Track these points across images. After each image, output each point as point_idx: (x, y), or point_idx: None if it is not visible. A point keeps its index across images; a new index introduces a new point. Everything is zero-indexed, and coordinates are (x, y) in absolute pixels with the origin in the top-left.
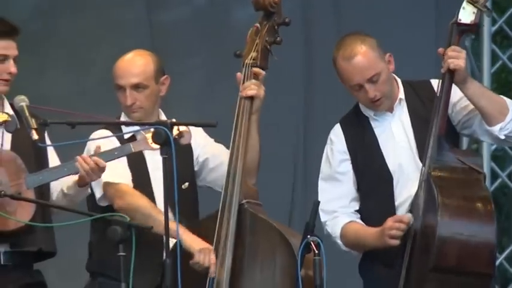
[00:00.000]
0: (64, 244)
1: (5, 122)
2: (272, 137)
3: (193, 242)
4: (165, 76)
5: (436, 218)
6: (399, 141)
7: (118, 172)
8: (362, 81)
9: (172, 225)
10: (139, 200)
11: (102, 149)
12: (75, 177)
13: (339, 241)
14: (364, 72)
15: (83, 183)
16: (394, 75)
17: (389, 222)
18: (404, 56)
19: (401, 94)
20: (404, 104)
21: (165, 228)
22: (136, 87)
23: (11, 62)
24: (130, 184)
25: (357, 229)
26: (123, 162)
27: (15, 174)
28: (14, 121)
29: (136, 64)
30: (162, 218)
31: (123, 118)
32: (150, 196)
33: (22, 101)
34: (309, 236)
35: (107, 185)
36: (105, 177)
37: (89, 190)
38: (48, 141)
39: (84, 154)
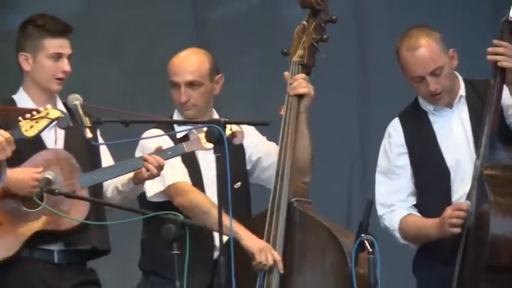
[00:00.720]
0: (118, 242)
1: (57, 118)
2: (327, 136)
3: (251, 241)
4: (220, 75)
5: (489, 216)
6: (458, 137)
7: (177, 170)
8: (424, 74)
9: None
10: (200, 197)
11: (152, 148)
12: (130, 174)
13: (397, 234)
14: (426, 65)
15: (139, 180)
16: (455, 72)
17: (449, 210)
18: (459, 55)
19: (462, 91)
20: (464, 102)
21: (219, 226)
22: (191, 84)
23: (65, 60)
24: (189, 181)
25: (416, 221)
26: (179, 160)
27: (69, 174)
28: (67, 118)
29: (191, 62)
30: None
31: (175, 116)
32: None
33: (76, 99)
34: (362, 235)
35: (169, 186)
36: (165, 175)
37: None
38: (101, 140)
39: (137, 153)
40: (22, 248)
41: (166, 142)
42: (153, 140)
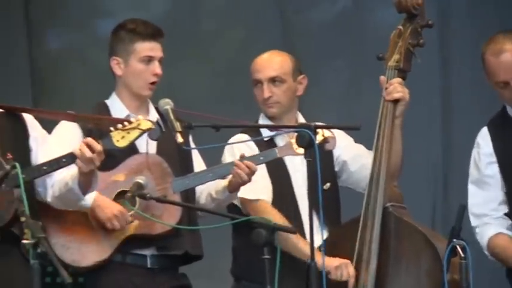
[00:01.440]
0: (210, 247)
1: (148, 129)
2: (410, 141)
3: (327, 260)
4: (303, 76)
5: None
6: None
7: (258, 187)
8: (508, 79)
9: (306, 247)
10: (276, 218)
11: (241, 152)
12: (224, 182)
13: (485, 252)
14: (511, 70)
15: (234, 188)
16: None
17: None
18: None
19: None
20: None
21: (310, 231)
22: (274, 80)
23: (156, 63)
24: (270, 197)
25: (505, 247)
26: (263, 171)
27: (161, 178)
28: (157, 129)
29: (274, 59)
30: (300, 242)
31: (261, 121)
32: (292, 199)
33: (167, 104)
34: (454, 240)
35: (245, 200)
36: (245, 190)
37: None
38: (192, 145)
39: (226, 158)
40: (115, 252)
41: (251, 147)
42: (240, 145)
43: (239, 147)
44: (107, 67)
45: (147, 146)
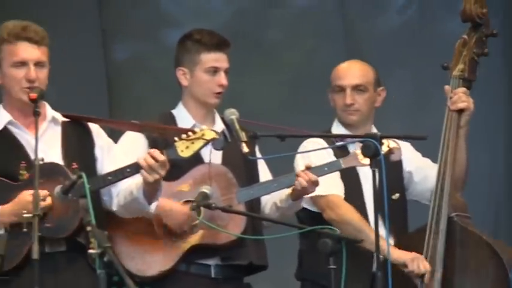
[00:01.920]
0: (274, 257)
1: (213, 139)
2: (474, 150)
3: (401, 252)
4: (382, 88)
5: None
6: None
7: (330, 183)
8: None
9: (381, 241)
10: (350, 213)
11: (314, 157)
12: (288, 190)
13: None
14: None
15: (297, 197)
16: None
17: None
18: None
19: None
20: None
21: (375, 240)
22: (357, 88)
23: (222, 74)
24: (342, 195)
25: None
26: (336, 172)
27: (226, 188)
28: (222, 139)
29: (359, 68)
30: (373, 234)
31: (334, 128)
32: (362, 207)
33: (232, 114)
34: None
35: (317, 197)
36: (318, 188)
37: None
38: (258, 155)
39: (297, 165)
40: (179, 262)
41: (328, 152)
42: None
43: (308, 155)
44: (174, 77)
45: (210, 155)
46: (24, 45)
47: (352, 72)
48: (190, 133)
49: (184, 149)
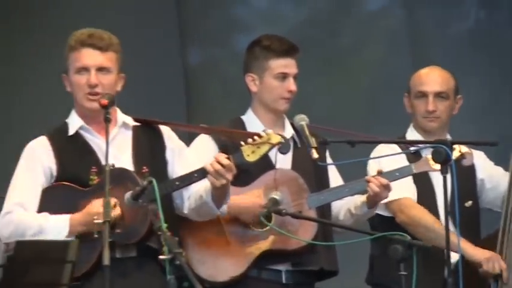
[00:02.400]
0: (345, 262)
1: (278, 143)
2: None
3: (477, 251)
4: (460, 96)
5: None
6: None
7: (402, 186)
8: None
9: (454, 238)
10: (422, 214)
11: (387, 163)
12: (363, 197)
13: None
14: None
15: (372, 204)
16: None
17: None
18: None
19: None
20: None
21: (446, 247)
22: (439, 95)
23: (291, 80)
24: (415, 198)
25: None
26: (409, 177)
27: (296, 194)
28: (288, 144)
29: (440, 74)
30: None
31: (410, 132)
32: (435, 213)
33: (302, 120)
34: None
35: (390, 202)
36: (391, 193)
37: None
38: (329, 160)
39: (370, 170)
40: (250, 267)
41: (401, 156)
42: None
43: (380, 161)
44: (244, 83)
45: (276, 157)
46: (87, 51)
47: (434, 78)
48: (256, 137)
49: (250, 154)
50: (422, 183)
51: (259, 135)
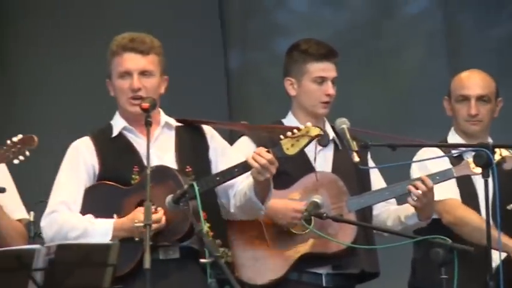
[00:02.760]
0: (387, 265)
1: (317, 136)
2: None
3: None
4: (500, 98)
5: None
6: None
7: (446, 188)
8: None
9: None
10: (468, 214)
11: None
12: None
13: None
14: None
15: (424, 217)
16: None
17: None
18: None
19: None
20: None
21: (487, 250)
22: (481, 99)
23: (329, 84)
24: (458, 197)
25: None
26: (452, 180)
27: (336, 197)
28: (326, 136)
29: (482, 78)
30: (494, 232)
31: (451, 136)
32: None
33: (343, 123)
34: None
35: (435, 202)
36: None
37: None
38: (371, 163)
39: (413, 174)
40: (290, 270)
41: (444, 160)
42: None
43: (430, 162)
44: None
45: (315, 154)
46: (129, 55)
47: (476, 82)
48: (295, 131)
49: (289, 147)
50: (465, 186)
51: (298, 129)
